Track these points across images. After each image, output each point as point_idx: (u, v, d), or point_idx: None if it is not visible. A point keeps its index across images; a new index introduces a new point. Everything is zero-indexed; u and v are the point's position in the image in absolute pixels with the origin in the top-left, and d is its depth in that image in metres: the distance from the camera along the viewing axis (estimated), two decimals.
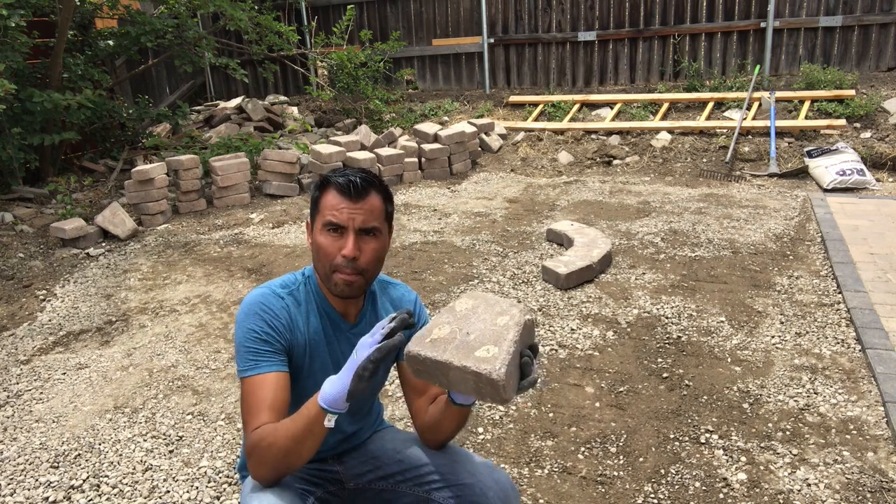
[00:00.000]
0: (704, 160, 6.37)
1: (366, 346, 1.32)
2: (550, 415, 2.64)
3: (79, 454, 2.55)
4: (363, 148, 6.56)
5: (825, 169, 5.53)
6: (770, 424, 2.50)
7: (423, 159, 6.54)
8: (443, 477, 1.56)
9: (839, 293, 3.53)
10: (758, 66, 7.18)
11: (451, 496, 1.53)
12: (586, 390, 2.80)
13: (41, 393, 3.02)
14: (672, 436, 2.47)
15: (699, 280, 3.82)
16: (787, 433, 2.45)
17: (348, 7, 7.99)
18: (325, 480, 1.67)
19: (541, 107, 7.77)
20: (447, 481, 1.55)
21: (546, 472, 2.32)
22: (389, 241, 1.59)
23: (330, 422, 1.31)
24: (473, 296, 1.46)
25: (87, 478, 2.40)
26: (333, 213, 1.47)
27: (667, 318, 3.39)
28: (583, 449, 2.43)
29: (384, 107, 7.83)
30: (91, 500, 2.29)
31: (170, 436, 2.63)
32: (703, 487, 2.20)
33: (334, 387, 1.32)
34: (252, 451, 1.37)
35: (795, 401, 2.64)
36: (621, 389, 2.79)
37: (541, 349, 3.13)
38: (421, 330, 1.39)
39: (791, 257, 4.07)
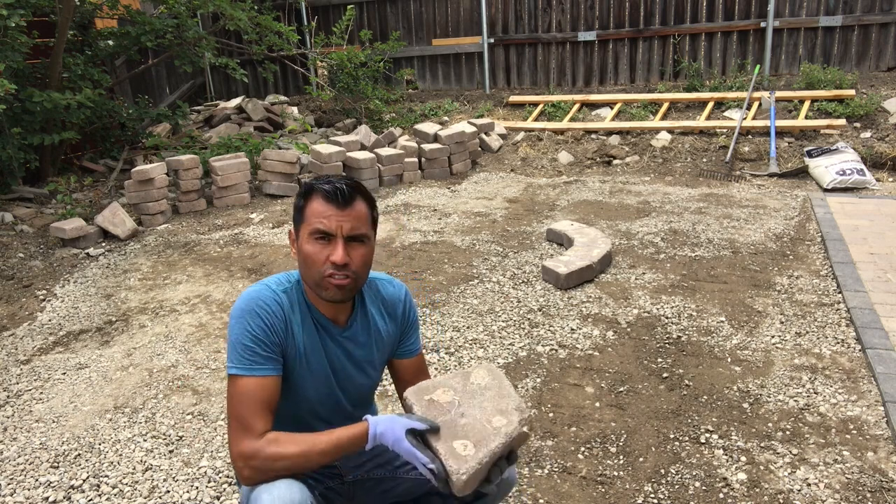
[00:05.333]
0: (704, 160, 6.37)
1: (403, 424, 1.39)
2: (550, 415, 2.64)
3: (79, 454, 2.55)
4: (363, 148, 6.56)
5: (825, 169, 5.53)
6: (770, 424, 2.50)
7: (423, 159, 6.54)
8: None
9: (839, 293, 3.53)
10: (758, 66, 7.18)
11: None
12: (586, 390, 2.80)
13: (41, 393, 3.02)
14: (672, 436, 2.47)
15: (699, 280, 3.82)
16: (787, 433, 2.45)
17: (348, 7, 7.99)
18: (324, 476, 1.68)
19: (541, 107, 7.76)
20: None
21: (546, 471, 2.32)
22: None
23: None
24: (492, 372, 1.48)
25: (87, 478, 2.40)
26: (321, 220, 1.45)
27: (667, 317, 3.39)
28: (583, 449, 2.43)
29: (384, 107, 7.82)
30: (91, 500, 2.29)
31: (170, 436, 2.63)
32: (703, 487, 2.20)
33: (389, 427, 1.39)
34: (257, 453, 1.36)
35: (795, 401, 2.64)
36: (621, 389, 2.79)
37: (541, 350, 3.14)
38: (426, 382, 1.46)
39: (791, 257, 4.07)
